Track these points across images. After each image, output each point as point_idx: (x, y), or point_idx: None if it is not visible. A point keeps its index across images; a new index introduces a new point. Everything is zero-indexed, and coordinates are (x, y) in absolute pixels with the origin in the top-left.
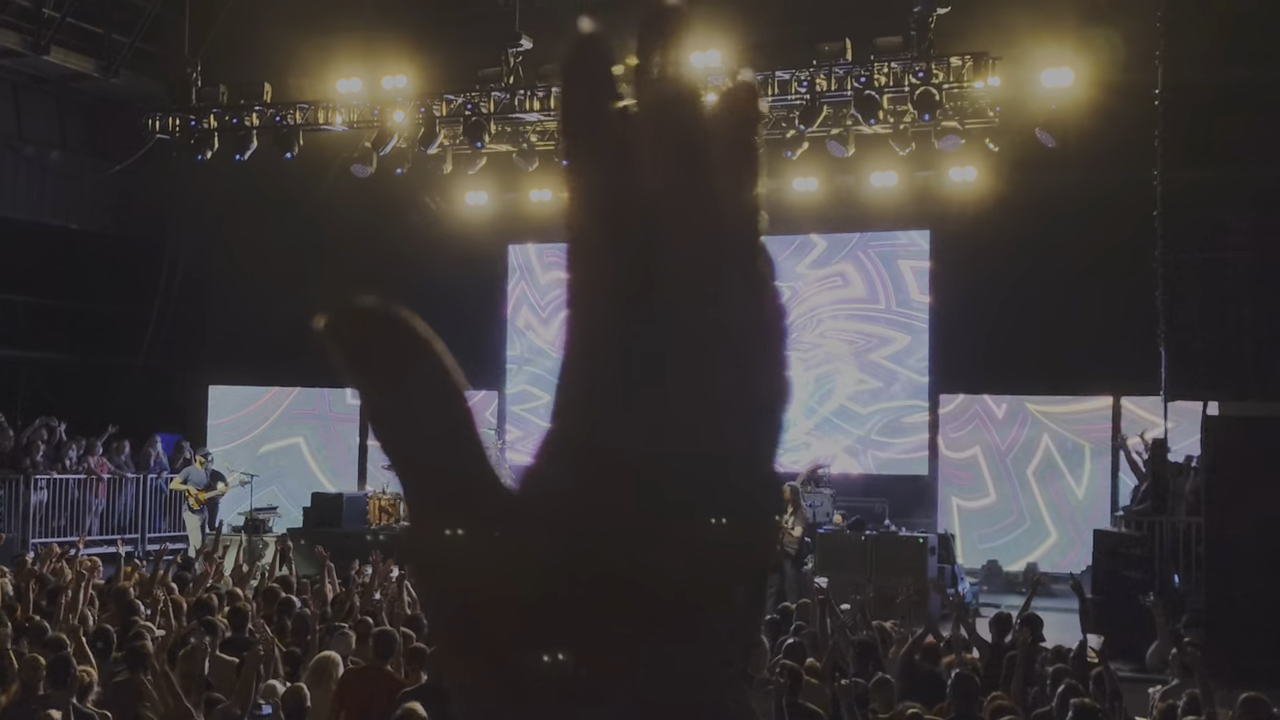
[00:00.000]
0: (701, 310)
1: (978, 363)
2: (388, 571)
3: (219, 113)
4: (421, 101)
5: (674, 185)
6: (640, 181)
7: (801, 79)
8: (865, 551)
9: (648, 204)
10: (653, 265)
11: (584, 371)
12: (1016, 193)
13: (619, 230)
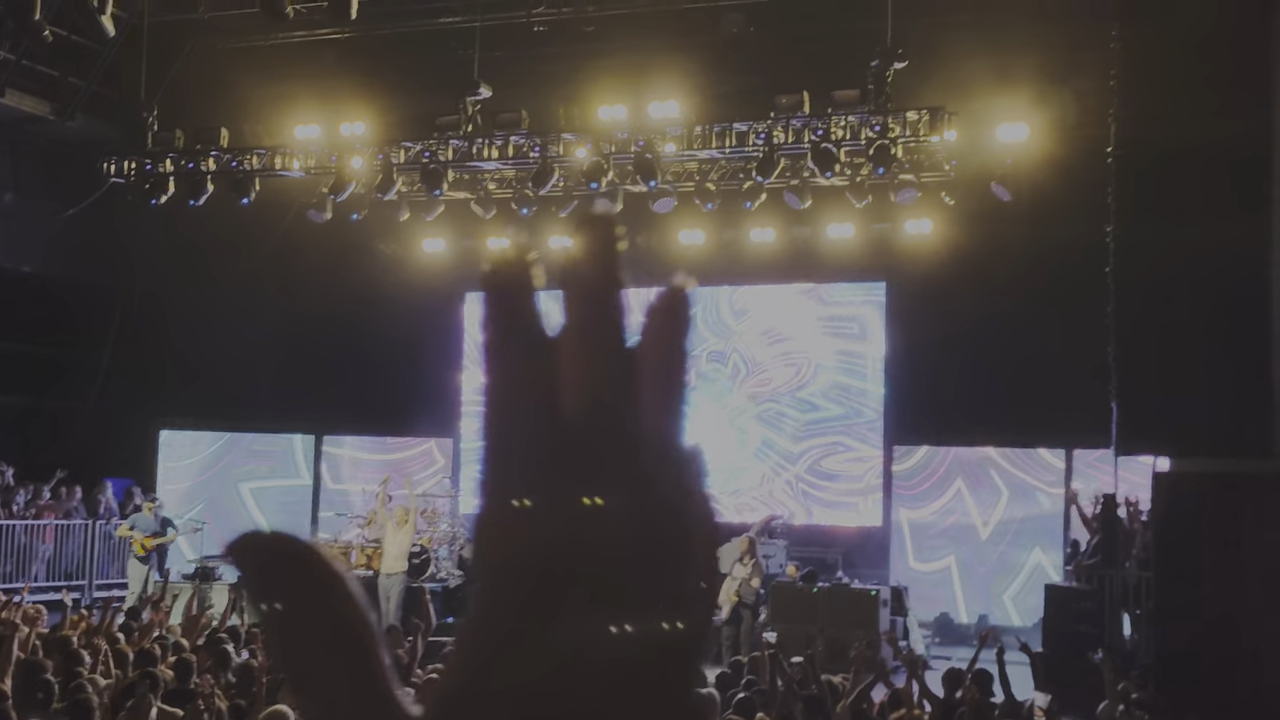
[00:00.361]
0: (627, 519)
1: (933, 414)
2: None
3: (175, 157)
4: (379, 148)
5: (597, 401)
6: (562, 398)
7: (759, 131)
8: (818, 603)
9: (570, 419)
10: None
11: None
12: (971, 246)
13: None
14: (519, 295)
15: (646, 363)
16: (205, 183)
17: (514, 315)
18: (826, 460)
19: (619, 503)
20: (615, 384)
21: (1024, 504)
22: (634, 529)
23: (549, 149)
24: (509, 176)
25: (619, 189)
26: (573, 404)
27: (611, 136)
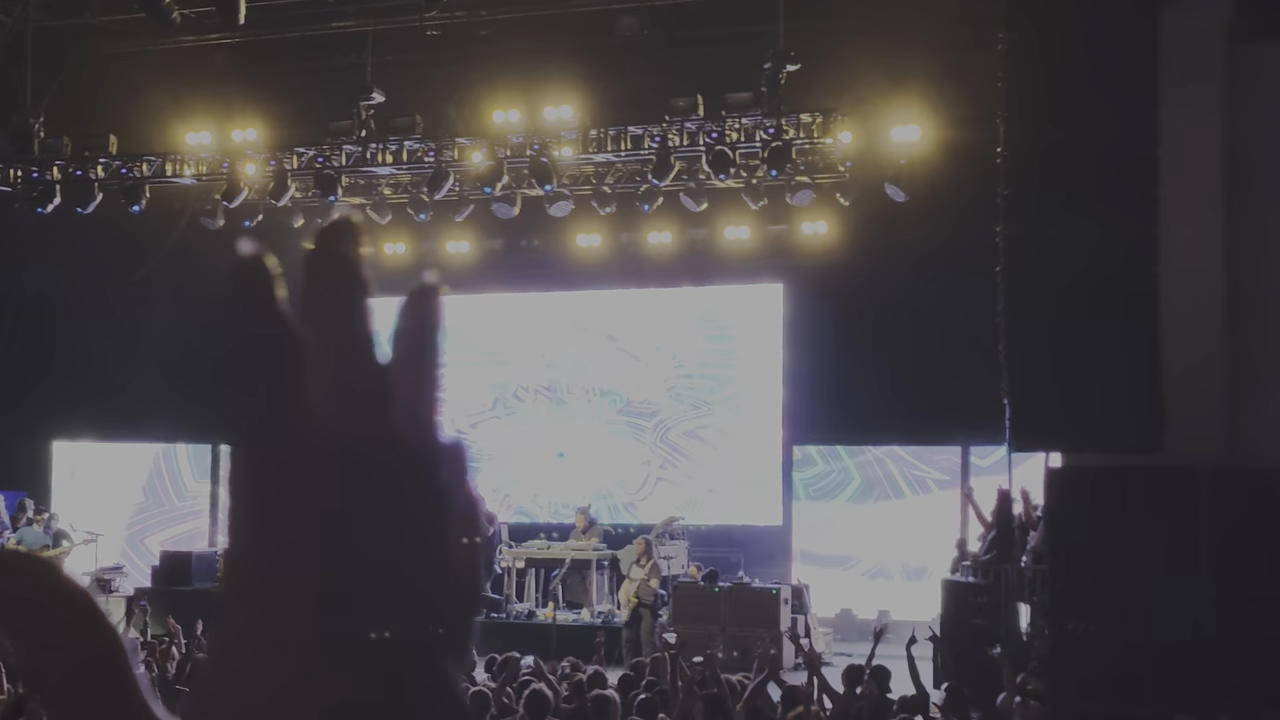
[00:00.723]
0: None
1: (830, 414)
2: None
3: (63, 165)
4: (272, 154)
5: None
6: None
7: (654, 134)
8: (719, 603)
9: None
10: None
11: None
12: (867, 246)
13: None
14: (262, 295)
15: (398, 362)
16: (94, 190)
17: (259, 313)
18: (725, 461)
19: (366, 506)
20: (362, 385)
21: (922, 501)
22: (384, 532)
23: (443, 153)
24: (404, 181)
25: (515, 193)
26: (319, 408)
27: (506, 140)
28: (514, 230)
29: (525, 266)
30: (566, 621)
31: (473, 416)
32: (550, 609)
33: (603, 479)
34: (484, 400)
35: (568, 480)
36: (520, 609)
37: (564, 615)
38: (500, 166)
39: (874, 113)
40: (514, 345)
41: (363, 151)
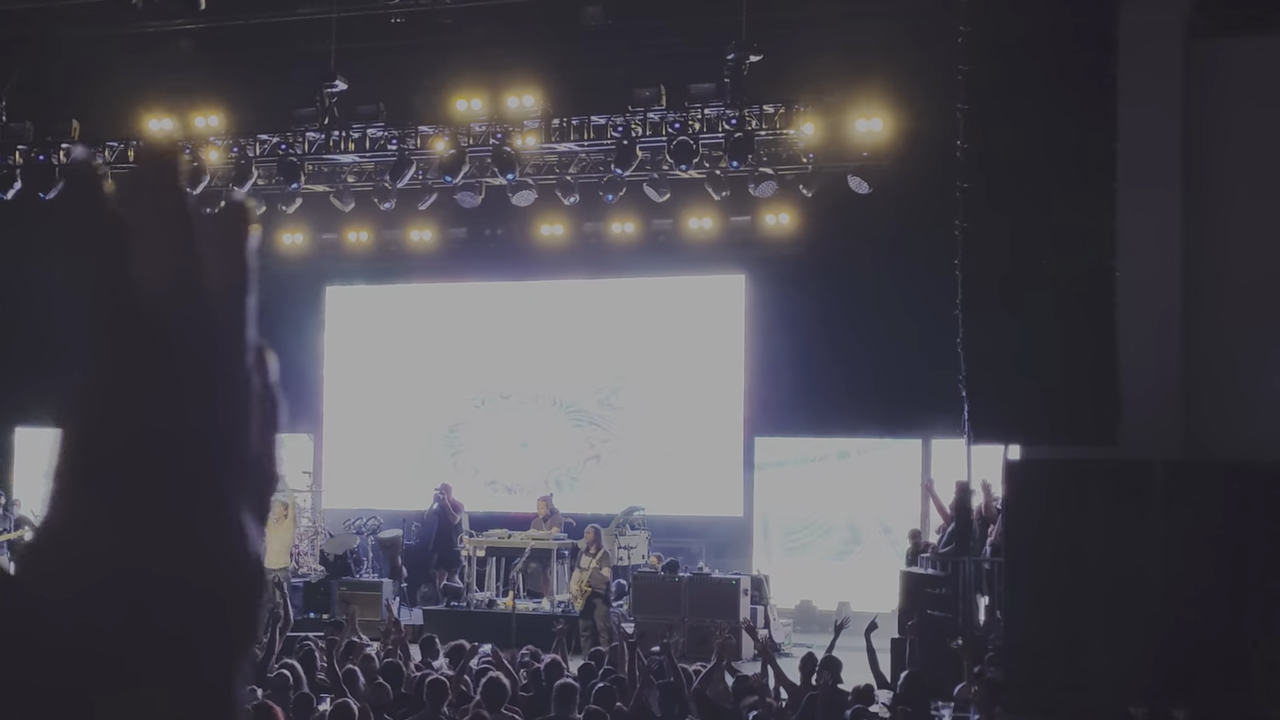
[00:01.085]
0: (190, 411)
1: (793, 405)
2: None
3: (25, 150)
4: (235, 141)
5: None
6: (139, 288)
7: (617, 124)
8: (679, 593)
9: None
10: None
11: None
12: (830, 237)
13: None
14: (92, 193)
15: (210, 266)
16: (56, 175)
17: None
18: (686, 451)
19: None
20: (181, 277)
21: (883, 493)
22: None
23: (406, 141)
24: (368, 169)
25: (479, 182)
26: (149, 293)
27: (469, 129)
28: (477, 219)
29: (489, 255)
30: (526, 610)
31: (440, 404)
32: (510, 598)
33: (562, 467)
34: (448, 389)
35: (528, 469)
36: (481, 598)
37: (524, 604)
38: (462, 155)
39: (836, 105)
40: (477, 334)
41: (326, 139)
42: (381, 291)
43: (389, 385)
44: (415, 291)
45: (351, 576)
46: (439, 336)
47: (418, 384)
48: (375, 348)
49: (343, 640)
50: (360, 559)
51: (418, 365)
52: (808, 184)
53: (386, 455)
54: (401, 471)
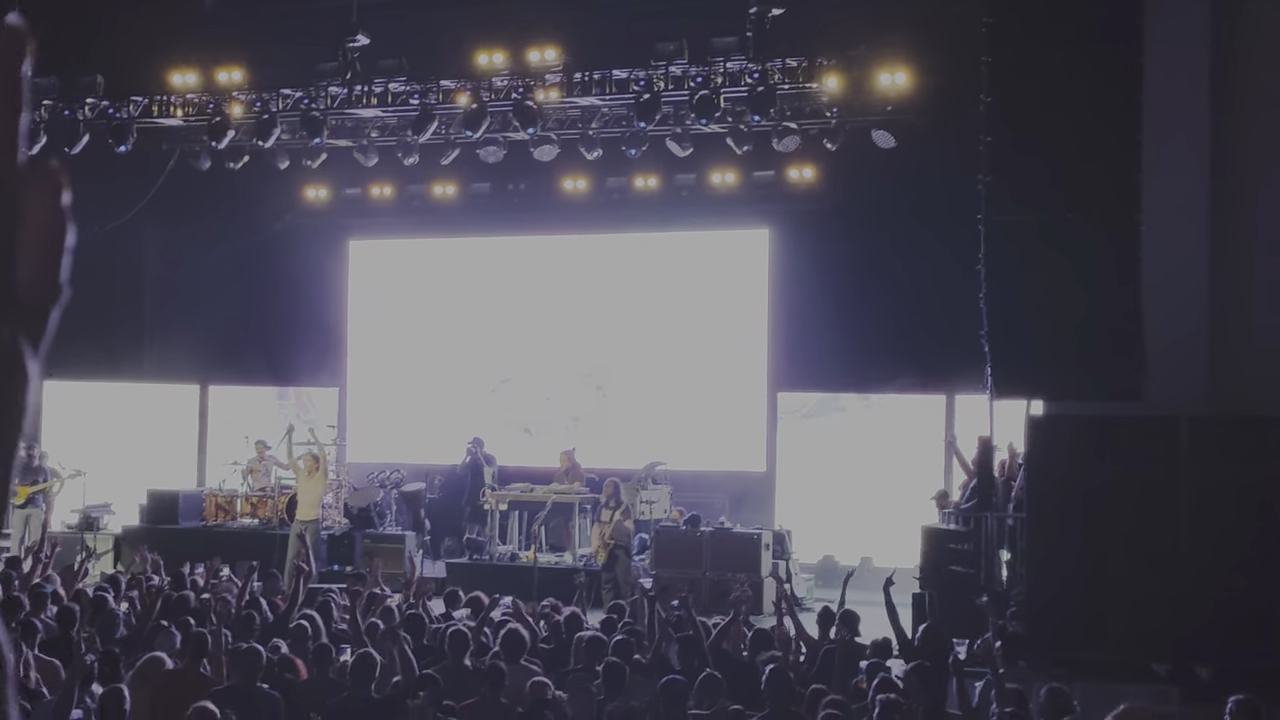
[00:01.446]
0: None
1: (816, 360)
2: (216, 569)
3: (50, 104)
4: (258, 95)
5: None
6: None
7: (639, 78)
8: (701, 547)
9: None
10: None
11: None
12: (853, 191)
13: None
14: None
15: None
16: (79, 130)
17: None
18: (709, 406)
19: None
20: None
21: (906, 449)
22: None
23: (428, 96)
24: (391, 123)
25: (501, 136)
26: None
27: (491, 83)
28: (500, 174)
29: (511, 210)
30: (548, 564)
31: (463, 357)
32: (532, 551)
33: (583, 422)
34: (471, 342)
35: (549, 423)
36: (503, 551)
37: (546, 558)
38: (484, 109)
39: (860, 58)
40: (499, 288)
41: (348, 94)
42: (405, 246)
43: (412, 339)
44: (438, 246)
45: (375, 529)
46: (461, 290)
47: (441, 338)
48: (399, 302)
49: (364, 592)
50: (384, 512)
51: (440, 319)
52: (831, 138)
53: (410, 409)
54: (425, 425)
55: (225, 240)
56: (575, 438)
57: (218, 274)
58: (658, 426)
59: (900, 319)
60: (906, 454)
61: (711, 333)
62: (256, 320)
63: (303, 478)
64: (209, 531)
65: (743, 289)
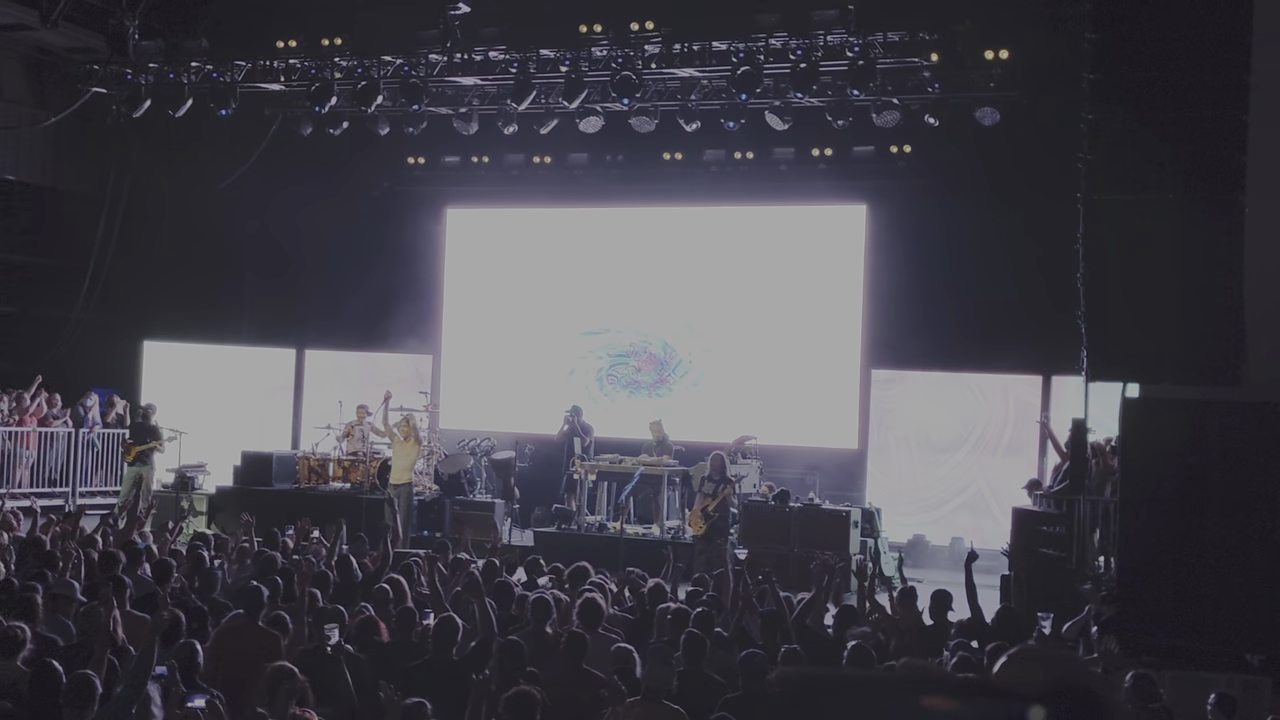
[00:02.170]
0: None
1: (911, 338)
2: (306, 530)
3: (156, 67)
4: (360, 61)
5: None
6: None
7: (739, 50)
8: (789, 523)
9: None
10: None
11: None
12: (952, 168)
13: None
14: None
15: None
16: (185, 93)
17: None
18: (802, 381)
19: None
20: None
21: (1001, 429)
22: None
23: (528, 65)
24: (490, 92)
25: (598, 107)
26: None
27: (590, 54)
28: (598, 145)
29: (609, 181)
30: (635, 535)
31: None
32: (620, 523)
33: (674, 394)
34: (565, 311)
35: (639, 394)
36: (591, 521)
37: (633, 529)
38: (583, 80)
39: (963, 33)
40: (595, 258)
41: (448, 61)
42: (502, 214)
43: (507, 308)
44: (535, 215)
45: (465, 496)
46: (557, 260)
47: (535, 307)
48: (494, 270)
49: (449, 558)
50: (474, 479)
51: (536, 288)
52: (932, 114)
53: (503, 377)
54: (517, 394)
55: (324, 206)
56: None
57: (316, 239)
58: (748, 400)
59: (997, 298)
60: (1000, 435)
61: (805, 308)
62: (353, 286)
63: (397, 443)
64: (301, 493)
65: (838, 265)
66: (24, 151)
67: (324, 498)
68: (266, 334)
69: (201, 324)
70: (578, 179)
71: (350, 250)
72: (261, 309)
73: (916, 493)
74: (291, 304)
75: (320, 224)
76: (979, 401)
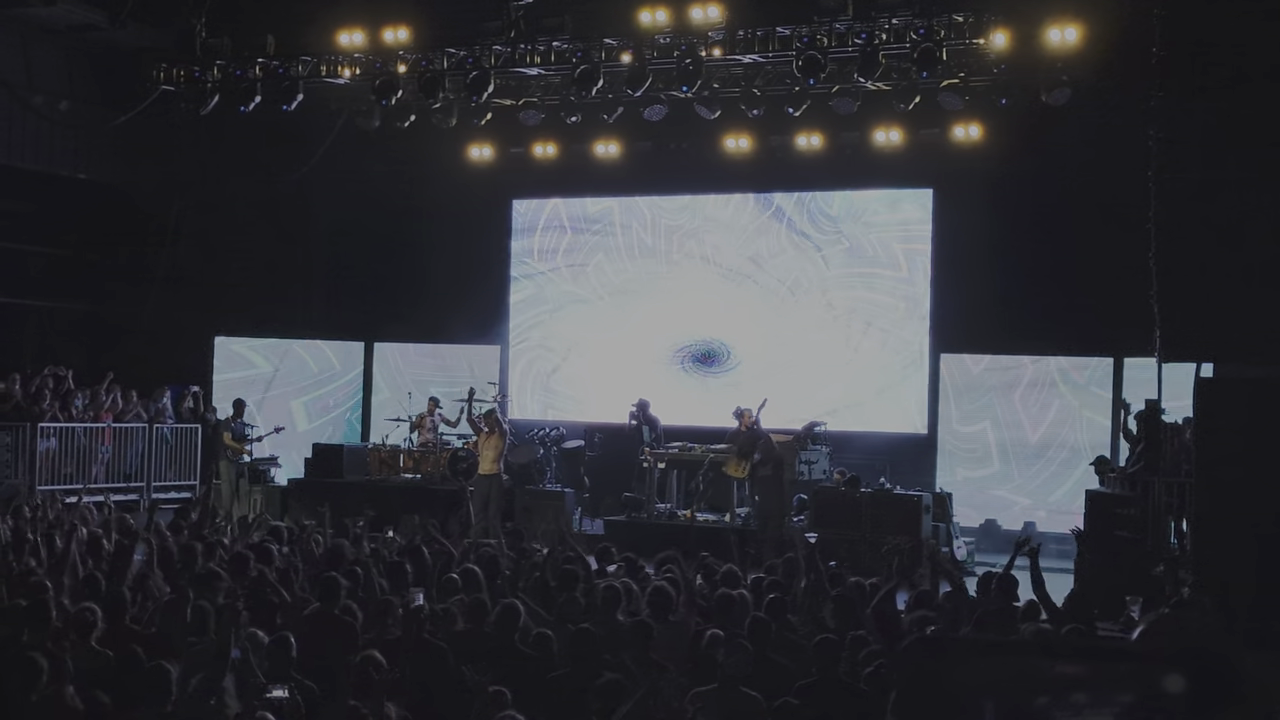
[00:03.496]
0: None
1: (980, 322)
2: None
3: (223, 64)
4: (424, 54)
5: None
6: None
7: (803, 35)
8: (860, 508)
9: None
10: None
11: None
12: (1020, 150)
13: None
14: None
15: None
16: (254, 89)
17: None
18: (870, 367)
19: None
20: None
21: (1072, 412)
22: None
23: (592, 54)
24: (554, 82)
25: (663, 95)
26: None
27: (654, 41)
28: (663, 133)
29: (674, 169)
30: (706, 523)
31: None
32: (690, 510)
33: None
34: (631, 301)
35: (711, 383)
36: (661, 509)
37: (704, 517)
38: (647, 68)
39: (1028, 13)
40: (661, 246)
41: (512, 52)
42: (567, 205)
43: (573, 298)
44: (601, 204)
45: (534, 486)
46: (623, 249)
47: (601, 296)
48: (560, 261)
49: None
50: (544, 469)
51: (601, 278)
52: (999, 95)
53: (570, 367)
54: (585, 383)
55: (390, 199)
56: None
57: (382, 232)
58: (817, 386)
59: (1067, 280)
60: (1072, 417)
61: (874, 293)
62: (420, 278)
63: (483, 436)
64: (373, 485)
65: (906, 249)
66: (94, 150)
67: (395, 489)
68: (335, 327)
69: (271, 318)
70: (642, 167)
71: (416, 243)
72: (330, 302)
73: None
74: (359, 297)
75: (386, 217)
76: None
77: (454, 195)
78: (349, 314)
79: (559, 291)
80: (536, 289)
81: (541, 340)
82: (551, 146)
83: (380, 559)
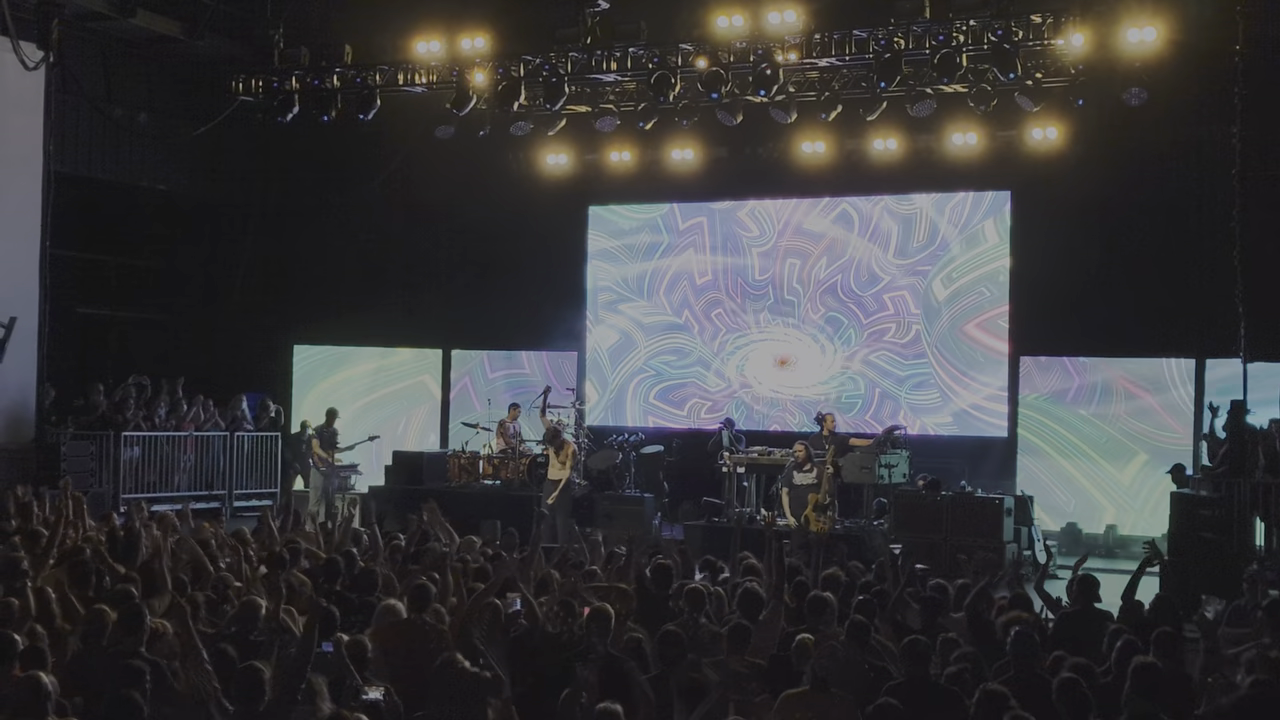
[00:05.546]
0: None
1: (1059, 324)
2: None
3: (301, 75)
4: (500, 62)
5: None
6: None
7: (880, 37)
8: (941, 512)
9: None
10: None
11: None
12: (1098, 151)
13: None
14: None
15: None
16: (332, 100)
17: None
18: (952, 371)
19: None
20: None
21: (1152, 414)
22: None
23: (667, 60)
24: (630, 88)
25: (739, 100)
26: None
27: (730, 46)
28: (739, 138)
29: (750, 174)
30: (786, 528)
31: (702, 321)
32: (770, 515)
33: (826, 386)
34: (709, 306)
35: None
36: (740, 513)
37: (784, 521)
38: (722, 73)
39: (1107, 14)
40: (738, 252)
41: (588, 59)
42: (644, 211)
43: (650, 303)
44: (677, 210)
45: (614, 491)
46: (700, 255)
47: (678, 302)
48: (637, 267)
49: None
50: (623, 474)
51: (678, 283)
52: (1077, 96)
53: (648, 373)
54: (663, 389)
55: (466, 206)
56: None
57: (459, 240)
58: (896, 390)
59: (1148, 281)
60: (1153, 419)
61: (952, 296)
62: (497, 285)
63: (555, 466)
64: (452, 492)
65: (984, 252)
66: (174, 162)
67: (475, 495)
68: (413, 335)
69: (349, 326)
70: (719, 172)
71: (493, 250)
72: (407, 310)
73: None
74: (437, 305)
75: (463, 224)
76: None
77: (530, 202)
78: (426, 321)
79: (635, 297)
80: (613, 294)
81: (618, 346)
82: (627, 152)
83: (465, 564)
